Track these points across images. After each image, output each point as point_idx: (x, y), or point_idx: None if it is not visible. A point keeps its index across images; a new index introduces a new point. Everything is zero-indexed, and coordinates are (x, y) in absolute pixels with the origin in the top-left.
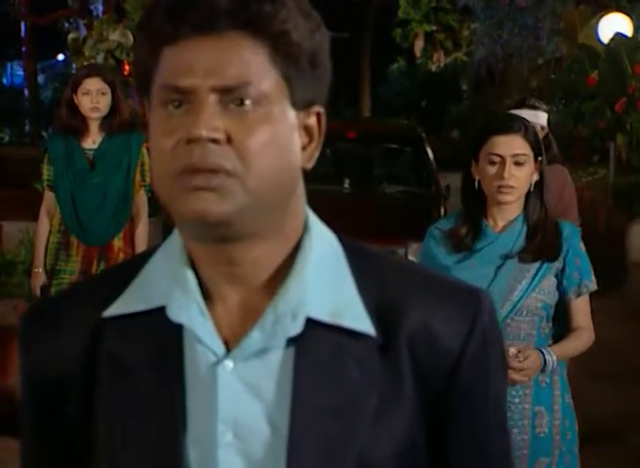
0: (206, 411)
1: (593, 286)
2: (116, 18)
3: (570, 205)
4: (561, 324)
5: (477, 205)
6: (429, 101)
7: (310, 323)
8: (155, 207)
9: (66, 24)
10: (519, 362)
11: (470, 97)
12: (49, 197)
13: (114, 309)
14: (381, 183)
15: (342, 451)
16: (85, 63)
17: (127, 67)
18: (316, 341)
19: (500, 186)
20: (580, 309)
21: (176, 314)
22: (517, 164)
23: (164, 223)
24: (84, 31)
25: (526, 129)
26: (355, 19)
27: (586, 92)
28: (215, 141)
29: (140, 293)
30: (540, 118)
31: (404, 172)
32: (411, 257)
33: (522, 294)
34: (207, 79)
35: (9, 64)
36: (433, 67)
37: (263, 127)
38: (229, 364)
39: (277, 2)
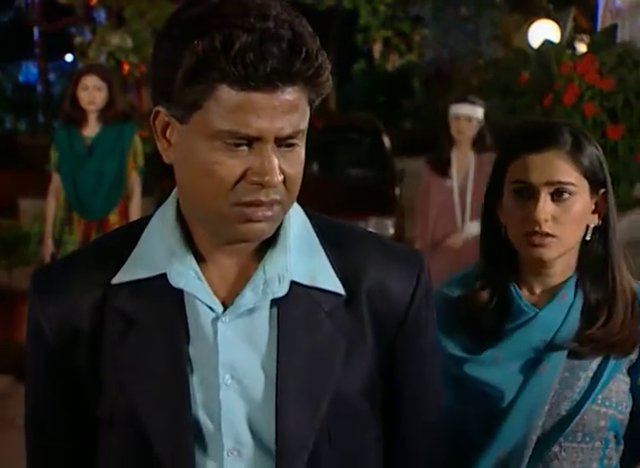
0: (208, 358)
1: None
2: (116, 24)
3: None
4: (627, 443)
5: (505, 262)
6: (386, 97)
7: (292, 284)
8: (150, 187)
9: (73, 30)
10: None
11: (421, 93)
12: (55, 179)
13: (120, 277)
14: (345, 167)
15: (321, 389)
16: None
17: (126, 67)
18: (296, 300)
19: (530, 234)
20: None
21: (175, 280)
22: (559, 198)
23: (158, 202)
24: (89, 36)
25: (577, 143)
26: (322, 26)
27: (519, 89)
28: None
29: (141, 262)
30: (478, 113)
31: (364, 157)
32: (371, 230)
33: (577, 407)
34: (271, 129)
35: (24, 64)
36: (389, 68)
37: (300, 156)
38: (226, 318)
39: (318, 52)
